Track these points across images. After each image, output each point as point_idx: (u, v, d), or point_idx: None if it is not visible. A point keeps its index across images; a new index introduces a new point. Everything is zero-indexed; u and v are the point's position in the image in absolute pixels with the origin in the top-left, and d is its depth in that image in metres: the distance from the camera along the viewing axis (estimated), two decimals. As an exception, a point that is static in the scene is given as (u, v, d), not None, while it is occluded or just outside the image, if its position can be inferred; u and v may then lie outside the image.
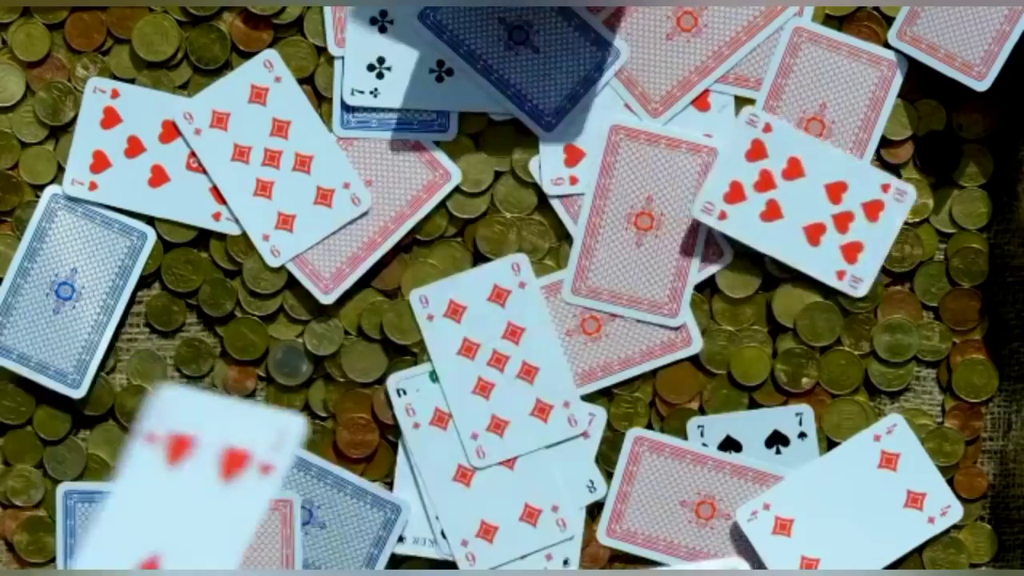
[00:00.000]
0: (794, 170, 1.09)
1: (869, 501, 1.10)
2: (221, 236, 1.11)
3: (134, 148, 1.11)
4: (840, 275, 1.10)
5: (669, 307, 1.10)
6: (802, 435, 1.11)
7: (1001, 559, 1.13)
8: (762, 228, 1.09)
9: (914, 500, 1.10)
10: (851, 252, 1.09)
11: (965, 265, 1.11)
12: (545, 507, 1.11)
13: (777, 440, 1.11)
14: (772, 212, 1.09)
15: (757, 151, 1.09)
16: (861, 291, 1.10)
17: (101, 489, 1.12)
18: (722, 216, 1.09)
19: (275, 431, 0.68)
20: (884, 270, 1.11)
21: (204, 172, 1.11)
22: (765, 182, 1.09)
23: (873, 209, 1.09)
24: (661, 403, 1.12)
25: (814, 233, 1.09)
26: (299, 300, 1.12)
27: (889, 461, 1.10)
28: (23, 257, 1.11)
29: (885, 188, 1.09)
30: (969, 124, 1.11)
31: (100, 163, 1.11)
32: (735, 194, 1.09)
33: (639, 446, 1.11)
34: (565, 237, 1.11)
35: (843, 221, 1.09)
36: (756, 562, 1.11)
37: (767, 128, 1.08)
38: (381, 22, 1.09)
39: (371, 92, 1.09)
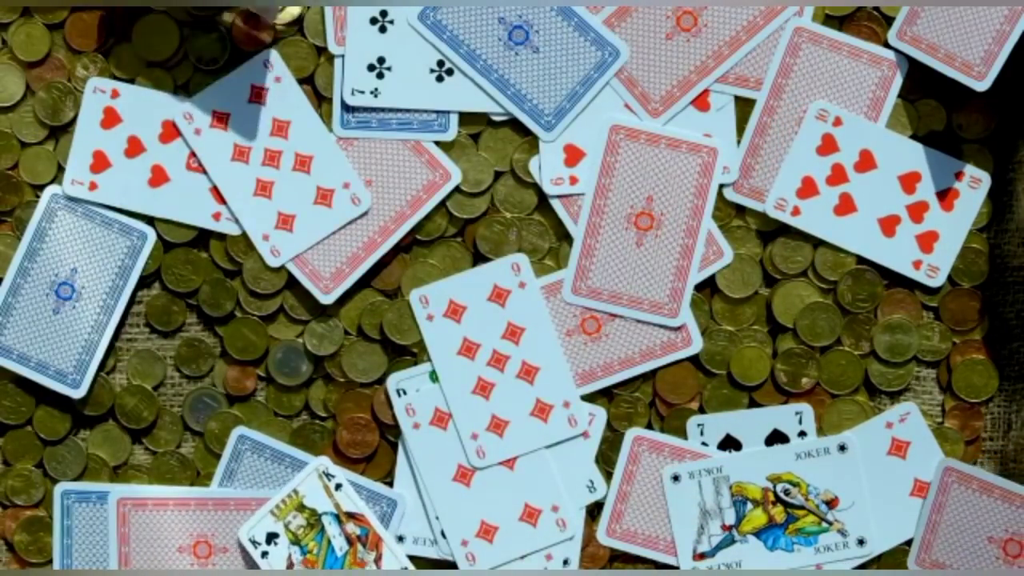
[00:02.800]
0: (866, 162, 1.09)
1: (875, 486, 1.10)
2: (221, 236, 1.11)
3: (134, 148, 1.11)
4: (916, 265, 1.10)
5: (669, 307, 1.10)
6: (802, 434, 1.11)
7: (1001, 559, 1.13)
8: (836, 222, 1.09)
9: (920, 489, 1.10)
10: (927, 242, 1.09)
11: (965, 265, 1.11)
12: (545, 507, 1.11)
13: (777, 439, 1.12)
14: (846, 205, 1.09)
15: (828, 145, 1.09)
16: (939, 280, 1.10)
17: (99, 489, 1.12)
18: (795, 212, 1.09)
19: None
20: (884, 271, 1.11)
21: (204, 172, 1.11)
22: (838, 176, 1.09)
23: (948, 198, 1.09)
24: (661, 403, 1.12)
25: (889, 224, 1.09)
26: (299, 300, 1.12)
27: (899, 449, 1.10)
28: (23, 257, 1.11)
29: (959, 176, 1.09)
30: (969, 124, 1.11)
31: (100, 163, 1.11)
32: (808, 189, 1.09)
33: (639, 446, 1.11)
34: (565, 237, 1.11)
35: (918, 211, 1.09)
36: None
37: (837, 122, 1.08)
38: (381, 22, 1.09)
39: (371, 92, 1.09)
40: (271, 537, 1.09)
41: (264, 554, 1.09)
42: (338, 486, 1.09)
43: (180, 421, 1.14)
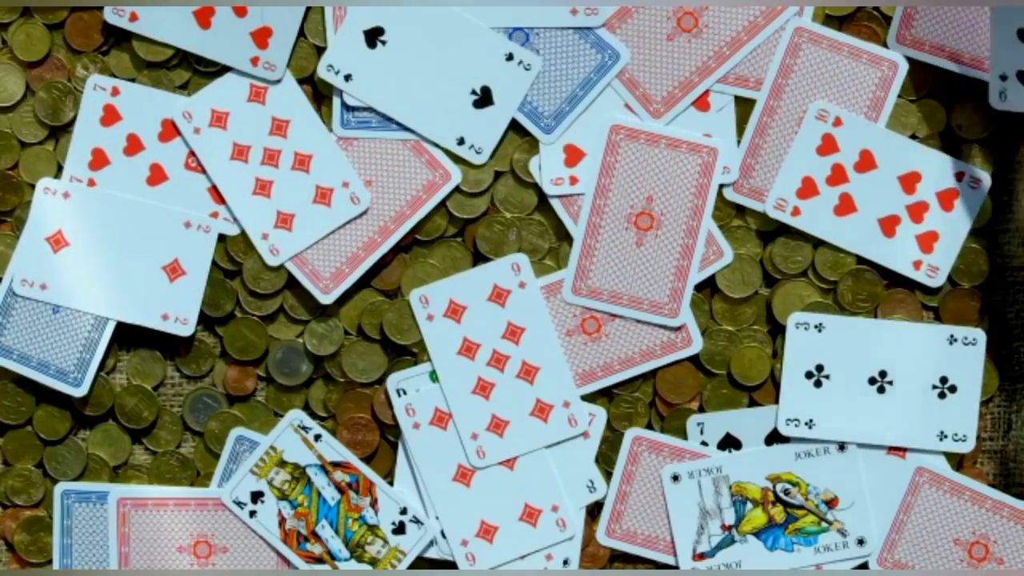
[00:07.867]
0: (867, 162, 1.09)
1: (875, 486, 1.10)
2: (221, 236, 1.11)
3: (133, 146, 1.11)
4: (917, 265, 1.10)
5: (669, 307, 1.10)
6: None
7: (1000, 558, 1.13)
8: (836, 222, 1.09)
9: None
10: (927, 242, 1.09)
11: (965, 265, 1.11)
12: (545, 507, 1.11)
13: (777, 438, 1.12)
14: (846, 206, 1.09)
15: (828, 145, 1.09)
16: (938, 280, 1.10)
17: (99, 489, 1.12)
18: (795, 212, 1.09)
19: None
20: (884, 271, 1.11)
21: (203, 171, 1.11)
22: (838, 176, 1.09)
23: (948, 198, 1.09)
24: (661, 403, 1.12)
25: (889, 225, 1.09)
26: (299, 300, 1.12)
27: (899, 448, 1.10)
28: (23, 257, 1.11)
29: (959, 176, 1.09)
30: (969, 124, 1.11)
31: (99, 160, 1.11)
32: (808, 189, 1.09)
33: (638, 446, 1.11)
34: (565, 237, 1.11)
35: (918, 211, 1.09)
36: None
37: (837, 122, 1.08)
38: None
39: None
40: (256, 496, 1.09)
41: (252, 513, 1.09)
42: (317, 437, 1.09)
43: (180, 421, 1.14)
